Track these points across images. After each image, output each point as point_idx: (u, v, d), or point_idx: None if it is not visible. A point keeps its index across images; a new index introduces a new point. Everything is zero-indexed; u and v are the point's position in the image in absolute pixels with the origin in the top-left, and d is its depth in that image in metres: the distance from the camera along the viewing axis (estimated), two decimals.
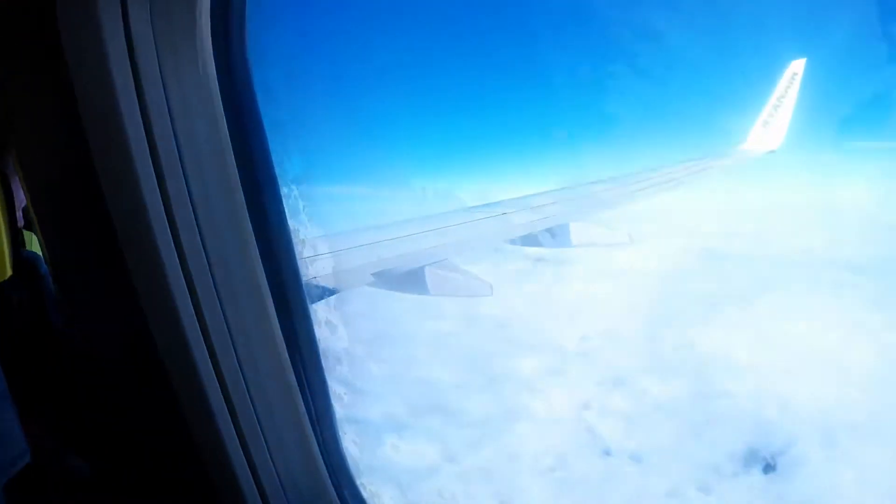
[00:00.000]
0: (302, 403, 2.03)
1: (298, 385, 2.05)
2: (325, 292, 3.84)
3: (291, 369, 2.01)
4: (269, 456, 1.95)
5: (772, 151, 12.15)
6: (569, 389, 13.17)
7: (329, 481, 2.18)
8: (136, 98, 1.65)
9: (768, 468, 11.20)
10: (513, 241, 6.39)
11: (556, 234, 6.20)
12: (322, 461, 2.15)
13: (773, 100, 12.50)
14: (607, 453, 11.45)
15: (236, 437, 1.88)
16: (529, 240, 6.30)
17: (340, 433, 2.24)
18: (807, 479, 10.53)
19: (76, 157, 1.66)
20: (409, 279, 4.64)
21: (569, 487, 10.54)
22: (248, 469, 1.91)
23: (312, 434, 2.10)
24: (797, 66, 12.38)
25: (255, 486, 1.93)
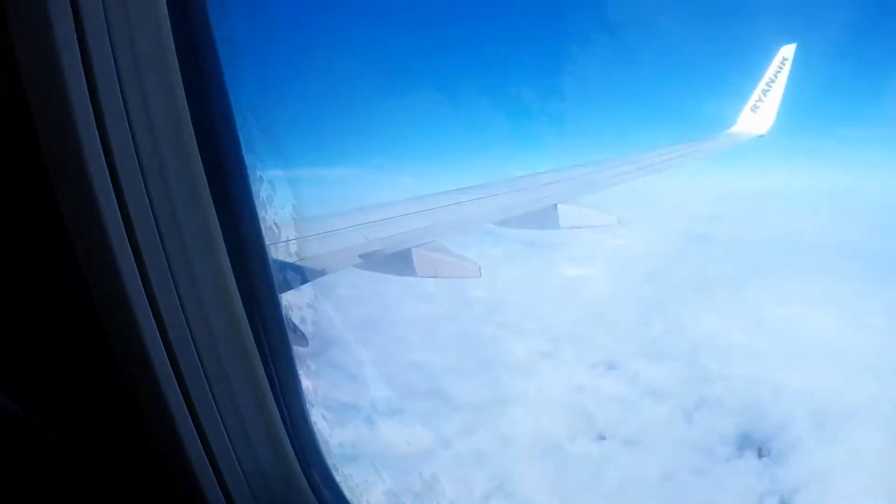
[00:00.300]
0: (269, 389, 1.86)
1: (265, 370, 1.88)
2: (314, 273, 3.81)
3: (257, 354, 1.84)
4: (229, 442, 1.79)
5: (760, 136, 12.14)
6: (561, 373, 13.16)
7: (298, 465, 2.02)
8: (78, 54, 1.46)
9: (762, 452, 11.24)
10: (502, 224, 6.33)
11: (545, 216, 6.13)
12: (290, 444, 1.99)
13: (762, 84, 12.44)
14: (602, 437, 11.44)
15: (191, 420, 1.71)
16: (518, 221, 6.24)
17: (311, 416, 2.09)
18: (800, 463, 10.56)
19: (10, 105, 1.47)
20: (397, 261, 4.62)
21: (565, 471, 10.53)
22: (202, 450, 1.74)
23: (279, 418, 1.94)
24: (787, 51, 12.34)
25: (212, 472, 1.77)
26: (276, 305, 1.98)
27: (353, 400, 9.16)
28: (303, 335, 3.27)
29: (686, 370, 12.77)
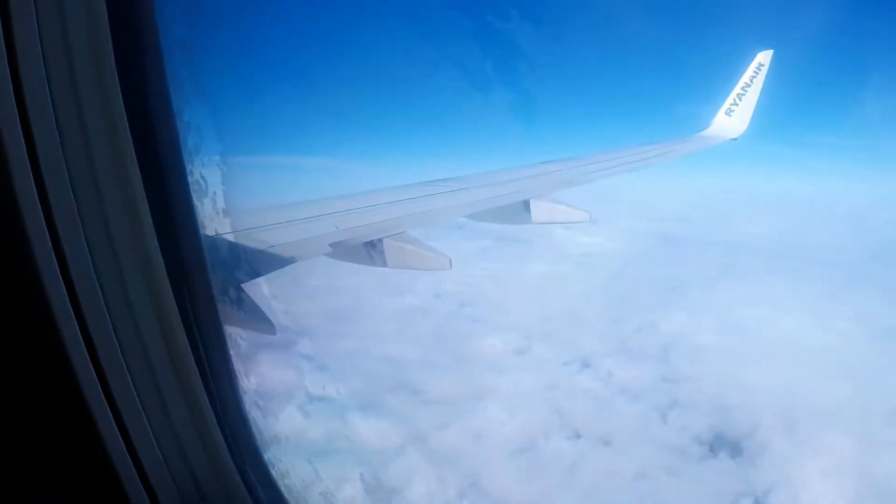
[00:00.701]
0: (201, 384, 1.73)
1: (197, 364, 1.75)
2: (285, 261, 3.76)
3: (188, 347, 1.70)
4: (154, 441, 1.67)
5: (733, 140, 12.21)
6: (535, 370, 13.11)
7: (232, 463, 1.90)
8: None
9: (734, 452, 11.26)
10: (474, 217, 6.25)
11: (517, 211, 6.05)
12: (223, 442, 1.86)
13: (737, 89, 12.52)
14: (577, 435, 11.40)
15: (112, 418, 1.58)
16: (491, 215, 6.17)
17: (247, 411, 1.98)
18: (772, 463, 10.60)
19: None
20: (368, 251, 4.57)
21: (541, 470, 10.49)
22: (125, 450, 1.62)
23: (212, 415, 1.81)
24: (764, 57, 12.42)
25: (136, 474, 1.64)
26: (210, 296, 1.85)
27: (321, 392, 9.05)
28: (270, 323, 3.22)
29: (658, 369, 12.80)
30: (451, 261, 4.90)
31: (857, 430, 10.51)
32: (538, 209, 6.18)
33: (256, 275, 3.43)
